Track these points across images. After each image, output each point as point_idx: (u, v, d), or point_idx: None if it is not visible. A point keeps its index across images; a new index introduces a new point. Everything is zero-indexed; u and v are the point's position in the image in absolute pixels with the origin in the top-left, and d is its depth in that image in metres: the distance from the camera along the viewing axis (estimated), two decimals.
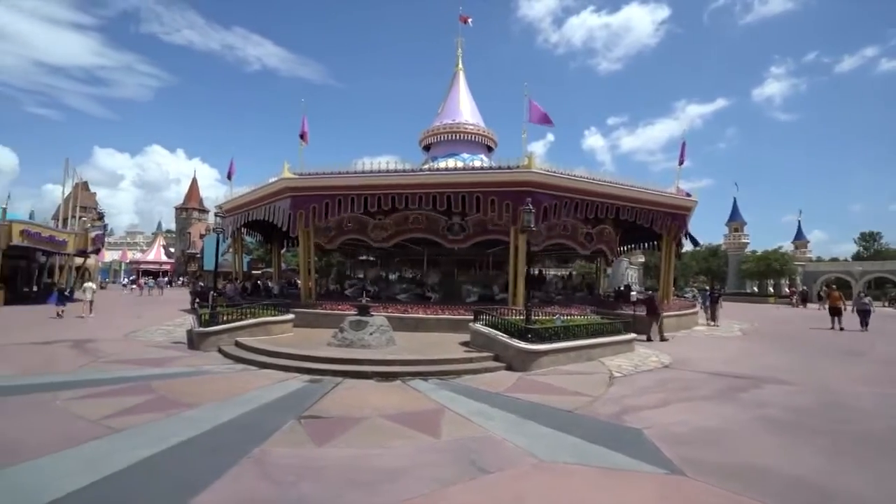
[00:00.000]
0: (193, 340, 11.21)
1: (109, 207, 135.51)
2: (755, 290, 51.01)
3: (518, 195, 13.63)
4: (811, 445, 5.23)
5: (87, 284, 19.59)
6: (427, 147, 22.92)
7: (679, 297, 24.46)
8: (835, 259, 67.16)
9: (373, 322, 10.62)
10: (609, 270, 37.70)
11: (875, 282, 46.99)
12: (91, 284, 19.73)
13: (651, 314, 14.28)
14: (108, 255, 60.05)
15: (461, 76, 23.98)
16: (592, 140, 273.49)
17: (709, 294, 22.20)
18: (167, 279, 54.33)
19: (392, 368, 8.62)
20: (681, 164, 19.66)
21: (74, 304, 20.05)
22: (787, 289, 45.63)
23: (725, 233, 55.63)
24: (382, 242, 18.01)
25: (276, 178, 16.12)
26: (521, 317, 10.43)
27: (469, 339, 11.00)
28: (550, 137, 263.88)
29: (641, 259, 57.71)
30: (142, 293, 37.53)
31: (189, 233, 70.89)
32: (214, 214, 18.75)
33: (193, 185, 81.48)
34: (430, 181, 15.02)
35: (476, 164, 19.14)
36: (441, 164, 19.42)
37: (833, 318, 18.08)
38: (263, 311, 12.68)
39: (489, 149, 22.48)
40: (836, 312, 18.04)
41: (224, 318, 11.64)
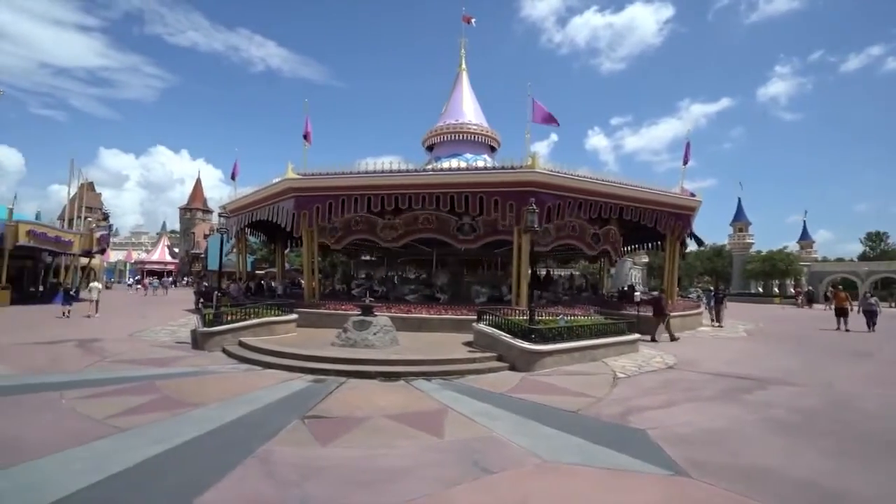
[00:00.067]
0: (198, 340, 11.27)
1: (114, 208, 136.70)
2: (760, 291, 50.74)
3: (521, 195, 13.61)
4: (817, 447, 5.20)
5: (94, 284, 19.78)
6: (430, 147, 22.91)
7: (683, 298, 24.34)
8: (841, 259, 66.67)
9: (376, 322, 10.64)
10: (613, 271, 37.60)
11: (881, 282, 46.65)
12: (97, 284, 19.93)
13: (658, 315, 14.25)
14: (113, 256, 60.56)
15: (464, 76, 23.96)
16: (596, 140, 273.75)
17: (713, 294, 22.11)
18: (171, 279, 54.58)
19: (395, 368, 8.63)
20: (685, 164, 19.66)
21: (80, 304, 20.17)
22: (793, 289, 45.37)
23: (730, 233, 55.35)
24: (392, 242, 17.92)
25: (280, 179, 16.17)
26: (525, 317, 10.42)
27: (472, 340, 11.01)
28: (554, 137, 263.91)
29: (645, 259, 57.58)
30: (146, 293, 37.73)
31: (193, 233, 71.36)
32: (218, 215, 18.80)
33: (197, 186, 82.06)
34: (434, 181, 15.00)
35: (479, 165, 19.11)
36: (444, 165, 19.39)
37: (838, 319, 17.97)
38: (267, 311, 12.71)
39: (492, 149, 22.46)
40: (843, 313, 17.91)
41: (228, 318, 11.68)
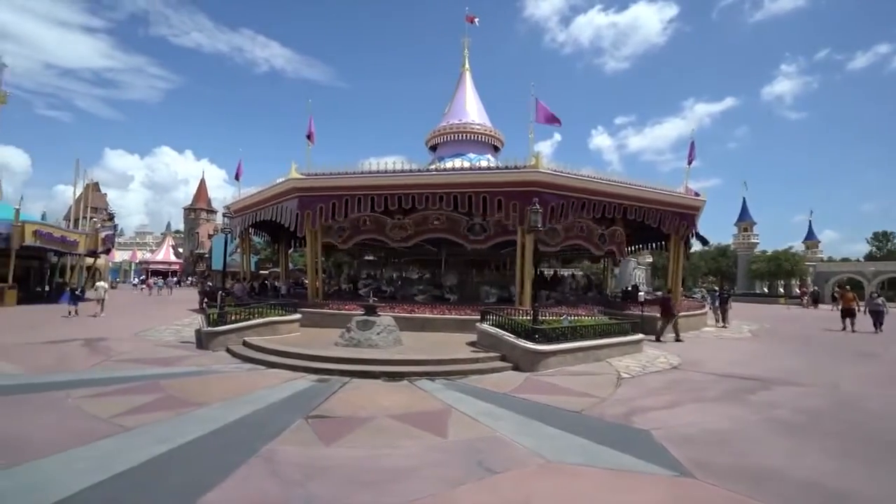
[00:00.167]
0: (202, 340, 11.31)
1: (119, 208, 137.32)
2: (765, 291, 50.47)
3: (525, 195, 13.58)
4: (822, 448, 5.16)
5: (100, 284, 19.92)
6: (434, 147, 22.89)
7: (687, 298, 24.23)
8: (847, 259, 66.28)
9: (380, 322, 10.64)
10: (617, 271, 37.49)
11: (888, 282, 46.31)
12: (104, 284, 20.08)
13: (666, 315, 14.20)
14: (119, 256, 60.91)
15: (468, 76, 23.93)
16: (599, 140, 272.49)
17: (718, 295, 21.98)
18: (176, 279, 54.93)
19: (399, 368, 8.63)
20: (689, 164, 19.51)
21: (86, 304, 20.32)
22: (798, 289, 45.09)
23: (734, 233, 55.10)
24: (401, 242, 17.84)
25: (284, 179, 16.21)
26: (528, 317, 10.40)
27: (476, 339, 11.00)
28: (557, 137, 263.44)
29: (649, 259, 57.32)
30: (151, 293, 37.93)
31: (197, 233, 71.69)
32: (222, 215, 18.92)
33: (202, 186, 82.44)
34: (438, 181, 15.01)
35: (483, 165, 19.08)
36: (448, 165, 19.38)
37: (844, 320, 17.84)
38: (271, 311, 12.75)
39: (496, 149, 22.42)
40: (850, 314, 17.77)
41: (232, 318, 11.73)
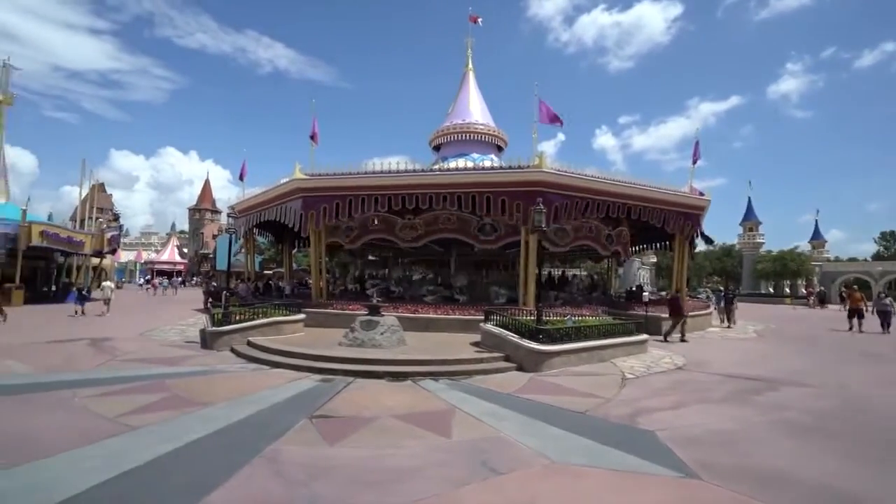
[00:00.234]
0: (206, 340, 11.36)
1: (125, 208, 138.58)
2: (771, 291, 50.12)
3: (529, 195, 13.55)
4: (829, 449, 5.12)
5: (106, 283, 20.10)
6: (437, 147, 22.91)
7: (692, 298, 24.12)
8: (853, 259, 65.67)
9: (384, 322, 10.65)
10: (621, 271, 37.34)
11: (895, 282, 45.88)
12: (110, 284, 20.28)
13: (675, 315, 14.13)
14: (124, 256, 61.33)
15: (471, 76, 23.91)
16: (604, 139, 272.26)
17: (723, 295, 21.86)
18: (181, 279, 55.14)
19: (403, 368, 8.63)
20: (694, 163, 19.41)
21: (93, 304, 20.46)
22: (804, 289, 44.75)
23: (740, 232, 54.78)
24: (411, 242, 17.78)
25: (288, 179, 16.26)
26: (532, 317, 10.38)
27: (480, 340, 10.99)
28: (561, 137, 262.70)
29: (653, 259, 57.12)
30: (156, 293, 38.17)
31: (202, 233, 71.93)
32: (227, 215, 18.97)
33: (206, 187, 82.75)
34: (441, 181, 15.01)
35: (486, 164, 19.06)
36: (451, 165, 19.38)
37: (851, 320, 17.68)
38: (275, 311, 12.79)
39: (499, 149, 22.40)
40: (858, 314, 17.61)
41: (236, 318, 11.77)
